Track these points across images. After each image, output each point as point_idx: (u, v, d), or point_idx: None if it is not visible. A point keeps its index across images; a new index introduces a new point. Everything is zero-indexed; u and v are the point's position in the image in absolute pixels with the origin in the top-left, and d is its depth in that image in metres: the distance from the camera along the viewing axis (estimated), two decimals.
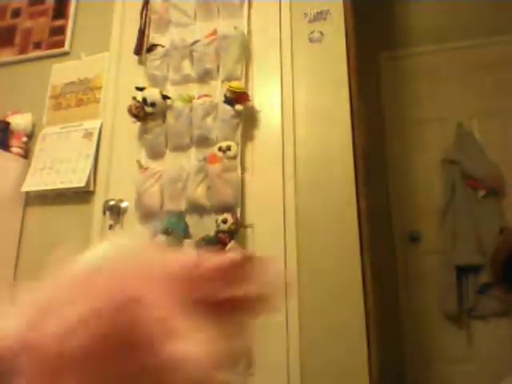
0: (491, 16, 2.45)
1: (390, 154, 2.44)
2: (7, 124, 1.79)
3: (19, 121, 1.81)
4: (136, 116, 1.55)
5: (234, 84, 1.46)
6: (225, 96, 1.46)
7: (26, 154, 1.80)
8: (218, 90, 1.54)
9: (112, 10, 1.83)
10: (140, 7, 1.75)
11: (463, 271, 2.11)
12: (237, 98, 1.45)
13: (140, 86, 1.57)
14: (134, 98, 1.55)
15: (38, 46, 1.95)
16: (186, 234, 1.41)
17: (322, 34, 1.55)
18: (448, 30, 2.51)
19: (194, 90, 1.58)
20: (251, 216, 1.44)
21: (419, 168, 2.38)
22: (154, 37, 1.71)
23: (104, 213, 1.59)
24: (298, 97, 1.51)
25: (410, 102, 2.49)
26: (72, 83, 1.82)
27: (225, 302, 0.25)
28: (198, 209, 1.43)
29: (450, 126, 2.35)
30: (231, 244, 1.32)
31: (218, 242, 1.31)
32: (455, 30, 2.49)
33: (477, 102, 2.36)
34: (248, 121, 1.51)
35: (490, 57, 2.42)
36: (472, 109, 2.35)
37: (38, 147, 1.76)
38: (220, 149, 1.42)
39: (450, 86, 2.42)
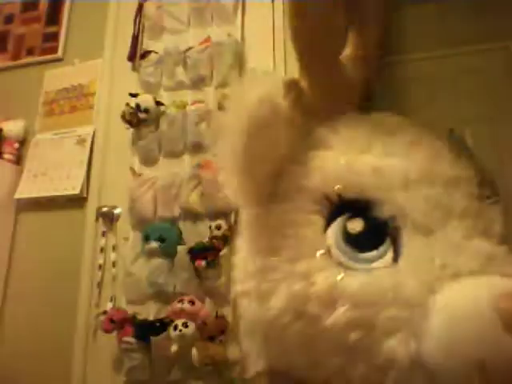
0: (483, 23, 2.48)
1: None
2: None
3: (11, 127, 1.80)
4: (129, 122, 1.55)
5: (228, 91, 1.46)
6: (218, 103, 1.47)
7: (18, 161, 1.79)
8: (211, 96, 1.54)
9: (105, 17, 1.83)
10: (134, 14, 1.75)
11: None
12: None
13: (133, 92, 1.57)
14: (128, 105, 1.55)
15: (30, 52, 1.94)
16: (179, 241, 1.40)
17: None
18: (440, 36, 2.53)
19: (188, 96, 1.58)
20: None
21: None
22: (147, 43, 1.71)
23: (97, 219, 1.58)
24: None
25: (402, 108, 2.50)
26: (65, 89, 1.82)
27: None
28: (191, 215, 1.43)
29: (441, 132, 2.37)
30: (225, 250, 1.31)
31: (211, 248, 1.31)
32: (448, 37, 2.52)
33: (468, 108, 2.38)
34: None
35: (481, 63, 2.44)
36: (463, 115, 2.38)
37: (30, 153, 1.76)
38: (214, 155, 1.42)
39: (441, 92, 2.44)
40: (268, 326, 0.42)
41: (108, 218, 1.57)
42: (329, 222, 0.40)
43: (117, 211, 1.57)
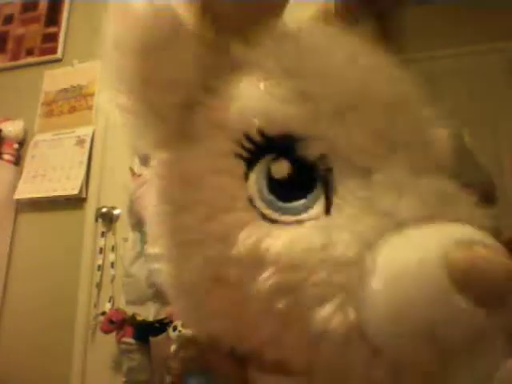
0: (483, 24, 2.48)
1: None
2: None
3: (10, 128, 1.80)
4: None
5: None
6: None
7: (18, 161, 1.79)
8: None
9: (105, 18, 1.83)
10: None
11: None
12: None
13: None
14: None
15: (30, 52, 1.94)
16: None
17: None
18: (441, 36, 2.53)
19: None
20: None
21: None
22: None
23: (96, 220, 1.58)
24: None
25: None
26: (64, 90, 1.82)
27: None
28: None
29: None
30: None
31: None
32: (448, 37, 2.52)
33: (468, 108, 2.39)
34: None
35: (481, 64, 2.45)
36: (463, 116, 2.38)
37: (29, 154, 1.75)
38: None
39: (439, 93, 2.45)
40: (186, 293, 0.36)
41: (107, 219, 1.57)
42: (250, 166, 0.32)
43: (116, 212, 1.57)
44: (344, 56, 0.34)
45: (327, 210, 0.31)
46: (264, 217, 0.31)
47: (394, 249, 0.28)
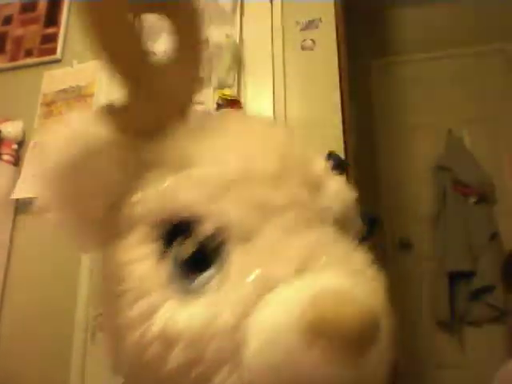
0: (481, 25, 2.48)
1: (381, 161, 2.45)
2: None
3: (10, 128, 1.79)
4: None
5: (226, 91, 1.46)
6: (217, 103, 1.47)
7: (17, 162, 1.79)
8: (210, 97, 1.54)
9: None
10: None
11: (455, 277, 2.12)
12: (229, 105, 1.45)
13: None
14: None
15: (29, 53, 1.94)
16: None
17: (313, 42, 1.56)
18: (439, 38, 2.53)
19: None
20: None
21: (410, 175, 2.39)
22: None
23: None
24: (289, 104, 1.52)
25: (401, 109, 2.50)
26: (64, 90, 1.82)
27: None
28: None
29: (440, 133, 2.37)
30: None
31: None
32: (446, 38, 2.52)
33: (466, 109, 2.39)
34: None
35: (479, 64, 2.45)
36: (462, 116, 2.38)
37: (29, 154, 1.75)
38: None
39: (439, 93, 2.45)
40: (124, 374, 0.41)
41: None
42: (164, 252, 0.37)
43: None
44: (227, 141, 0.40)
45: (222, 282, 0.35)
46: (178, 295, 0.35)
47: (265, 312, 0.32)
